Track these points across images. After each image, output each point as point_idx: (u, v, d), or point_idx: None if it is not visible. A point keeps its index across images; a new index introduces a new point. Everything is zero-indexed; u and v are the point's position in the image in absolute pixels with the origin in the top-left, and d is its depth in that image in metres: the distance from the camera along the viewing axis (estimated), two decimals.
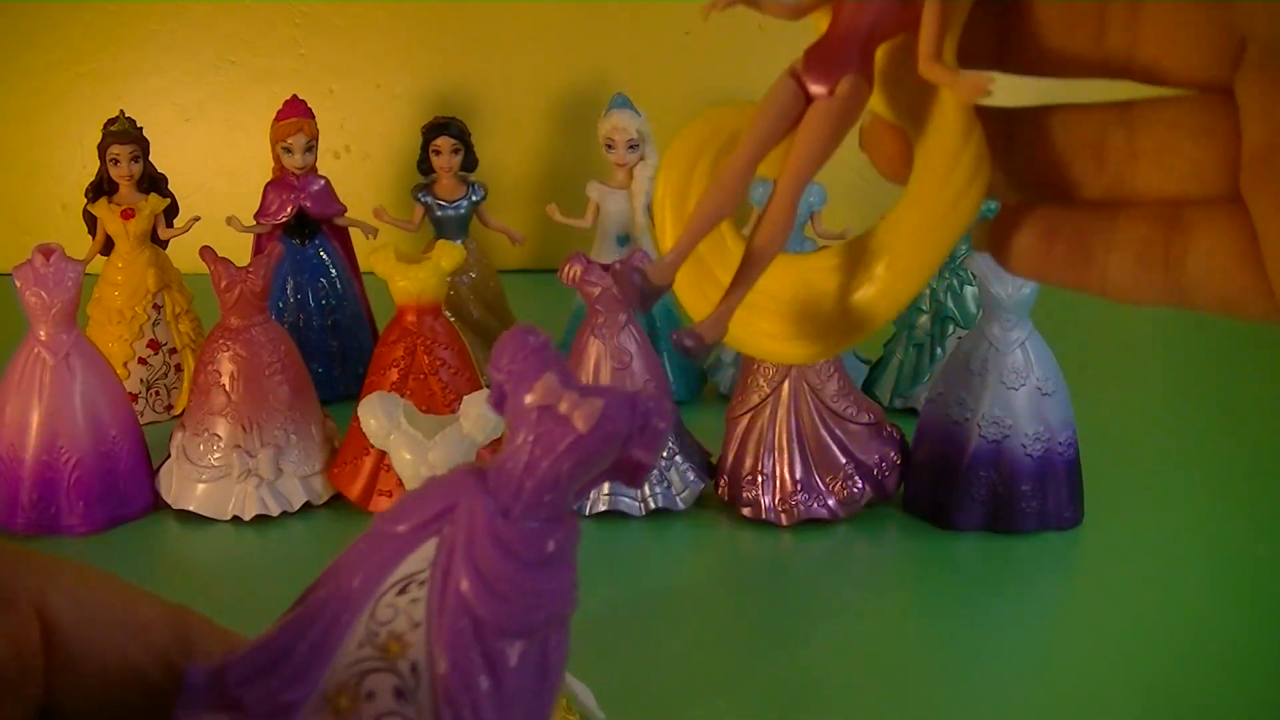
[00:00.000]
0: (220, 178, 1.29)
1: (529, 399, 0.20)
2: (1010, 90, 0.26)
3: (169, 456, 0.74)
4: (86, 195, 0.87)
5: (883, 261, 0.26)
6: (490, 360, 0.21)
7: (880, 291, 0.26)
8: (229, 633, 0.23)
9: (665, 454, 0.71)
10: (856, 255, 0.26)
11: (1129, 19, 0.25)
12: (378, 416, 0.40)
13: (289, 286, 0.92)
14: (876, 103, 0.26)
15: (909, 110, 0.26)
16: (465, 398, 0.40)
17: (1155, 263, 0.25)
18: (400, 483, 0.43)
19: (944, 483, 0.70)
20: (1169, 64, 0.25)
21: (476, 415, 0.40)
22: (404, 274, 0.72)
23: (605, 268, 0.71)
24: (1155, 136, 0.25)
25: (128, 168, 0.86)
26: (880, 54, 0.25)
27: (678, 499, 0.71)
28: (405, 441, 0.40)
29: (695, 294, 0.27)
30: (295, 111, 0.90)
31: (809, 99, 0.24)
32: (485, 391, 0.41)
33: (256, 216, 0.91)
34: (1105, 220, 0.25)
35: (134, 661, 0.22)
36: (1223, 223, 0.24)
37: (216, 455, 0.72)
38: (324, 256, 0.93)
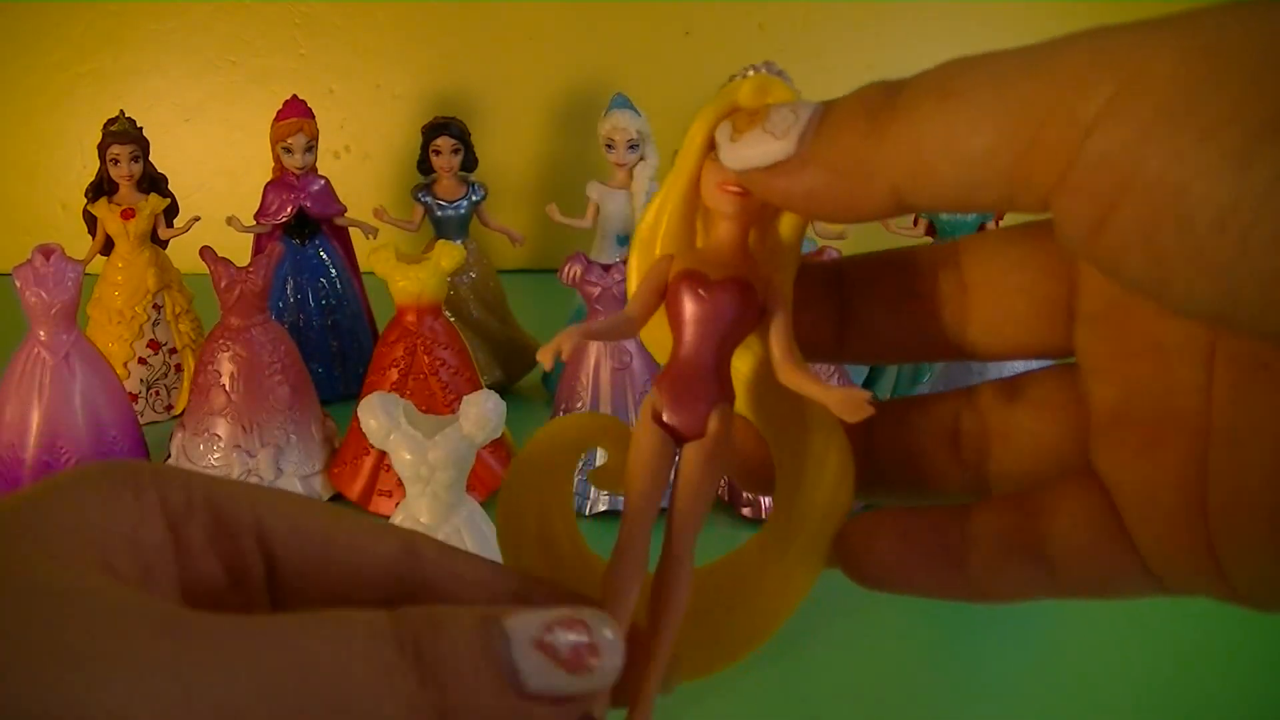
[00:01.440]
0: (220, 178, 1.29)
1: None
2: None
3: (169, 456, 0.74)
4: (86, 195, 0.87)
5: (767, 578, 0.25)
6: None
7: (770, 607, 0.25)
8: (468, 562, 0.23)
9: None
10: (738, 570, 0.25)
11: (957, 293, 0.24)
12: (378, 416, 0.40)
13: (289, 286, 0.92)
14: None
15: (764, 412, 0.25)
16: (465, 398, 0.40)
17: (1015, 553, 0.23)
18: (400, 483, 0.43)
19: None
20: (1005, 332, 0.24)
21: (476, 415, 0.39)
22: (404, 274, 0.72)
23: (606, 269, 0.71)
24: (999, 418, 0.24)
25: (128, 168, 0.86)
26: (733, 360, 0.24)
27: None
28: (405, 441, 0.40)
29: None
30: (295, 111, 0.90)
31: (677, 438, 0.23)
32: (485, 391, 0.40)
33: (256, 216, 0.91)
34: (959, 517, 0.24)
35: (355, 598, 0.22)
36: (1077, 499, 0.22)
37: (216, 455, 0.72)
38: (324, 256, 0.93)
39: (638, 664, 0.22)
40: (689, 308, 0.23)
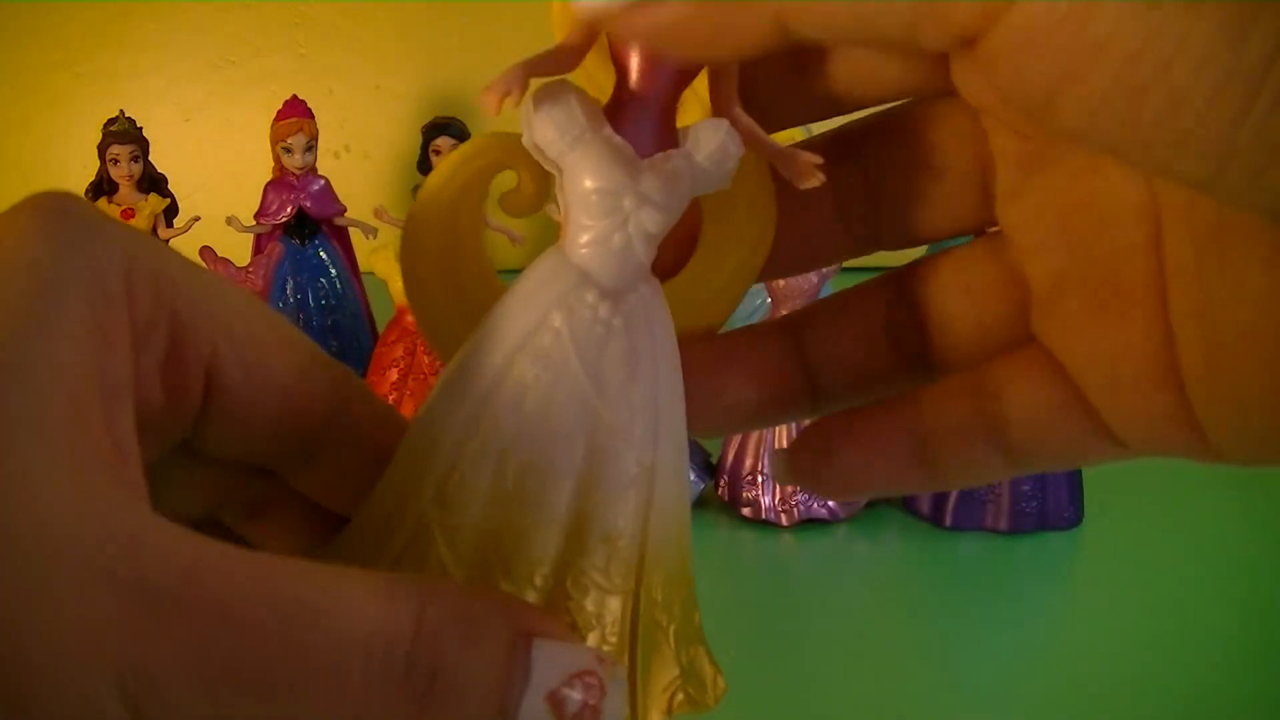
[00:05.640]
0: (220, 178, 1.29)
1: None
2: None
3: None
4: (86, 195, 0.87)
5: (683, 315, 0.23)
6: None
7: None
8: (388, 409, 0.23)
9: None
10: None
11: (858, 184, 0.23)
12: (555, 119, 0.24)
13: (289, 286, 0.92)
14: None
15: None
16: (695, 125, 0.25)
17: (976, 440, 0.22)
18: None
19: None
20: (915, 218, 0.23)
21: (713, 145, 0.24)
22: None
23: None
24: (932, 305, 0.23)
25: (128, 168, 0.86)
26: None
27: None
28: (604, 154, 0.23)
29: None
30: (295, 111, 0.90)
31: None
32: (718, 120, 0.24)
33: (256, 216, 0.91)
34: (910, 408, 0.23)
35: (285, 428, 0.21)
36: (1026, 376, 0.22)
37: None
38: (324, 256, 0.93)
39: None
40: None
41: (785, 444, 0.69)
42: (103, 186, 0.87)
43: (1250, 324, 0.18)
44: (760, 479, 0.70)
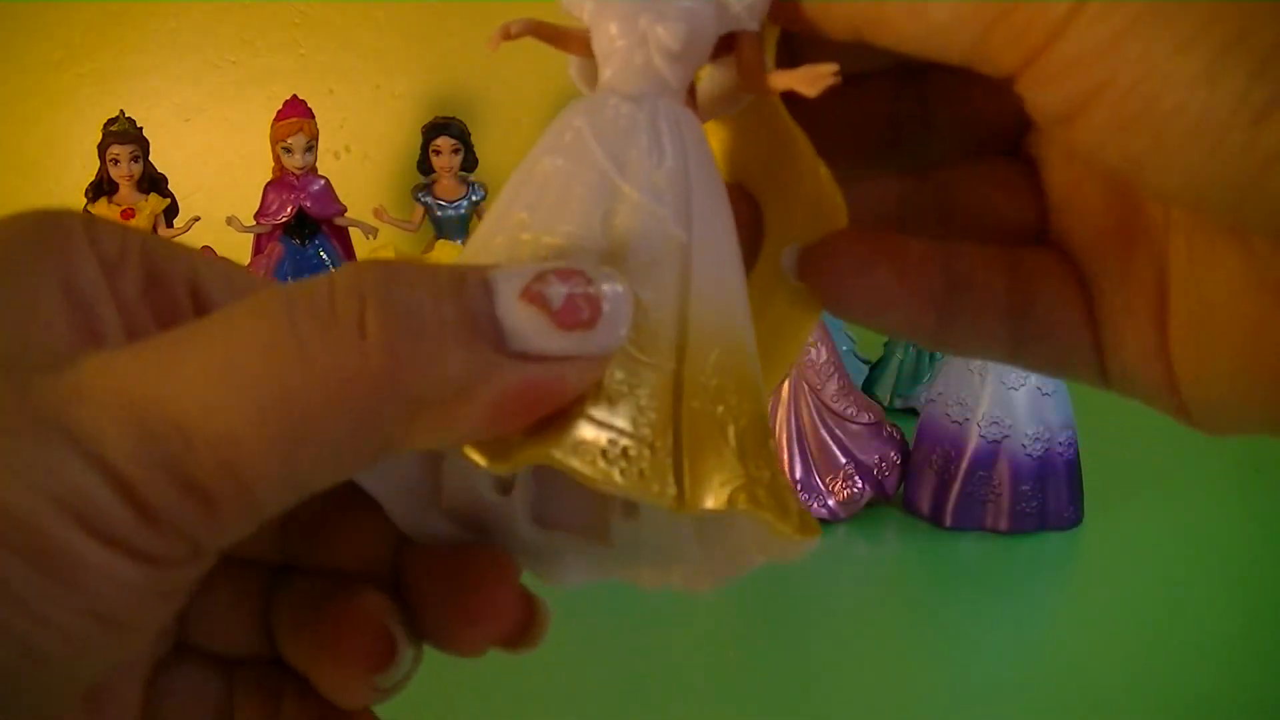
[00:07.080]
0: (220, 178, 1.29)
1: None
2: None
3: None
4: (86, 195, 0.88)
5: (764, 323, 0.23)
6: None
7: (773, 351, 0.23)
8: None
9: None
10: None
11: (917, 109, 0.25)
12: None
13: None
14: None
15: (747, 166, 0.24)
16: None
17: (998, 311, 0.23)
18: None
19: (944, 483, 0.70)
20: (963, 137, 0.25)
21: None
22: None
23: None
24: (961, 192, 0.25)
25: (128, 168, 0.86)
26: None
27: None
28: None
29: None
30: (295, 111, 0.90)
31: None
32: None
33: (256, 216, 0.91)
34: (947, 258, 0.23)
35: None
36: (1060, 275, 0.23)
37: None
38: (324, 256, 0.93)
39: None
40: None
41: (786, 459, 0.70)
42: (103, 186, 0.87)
43: (1223, 303, 0.20)
44: None
